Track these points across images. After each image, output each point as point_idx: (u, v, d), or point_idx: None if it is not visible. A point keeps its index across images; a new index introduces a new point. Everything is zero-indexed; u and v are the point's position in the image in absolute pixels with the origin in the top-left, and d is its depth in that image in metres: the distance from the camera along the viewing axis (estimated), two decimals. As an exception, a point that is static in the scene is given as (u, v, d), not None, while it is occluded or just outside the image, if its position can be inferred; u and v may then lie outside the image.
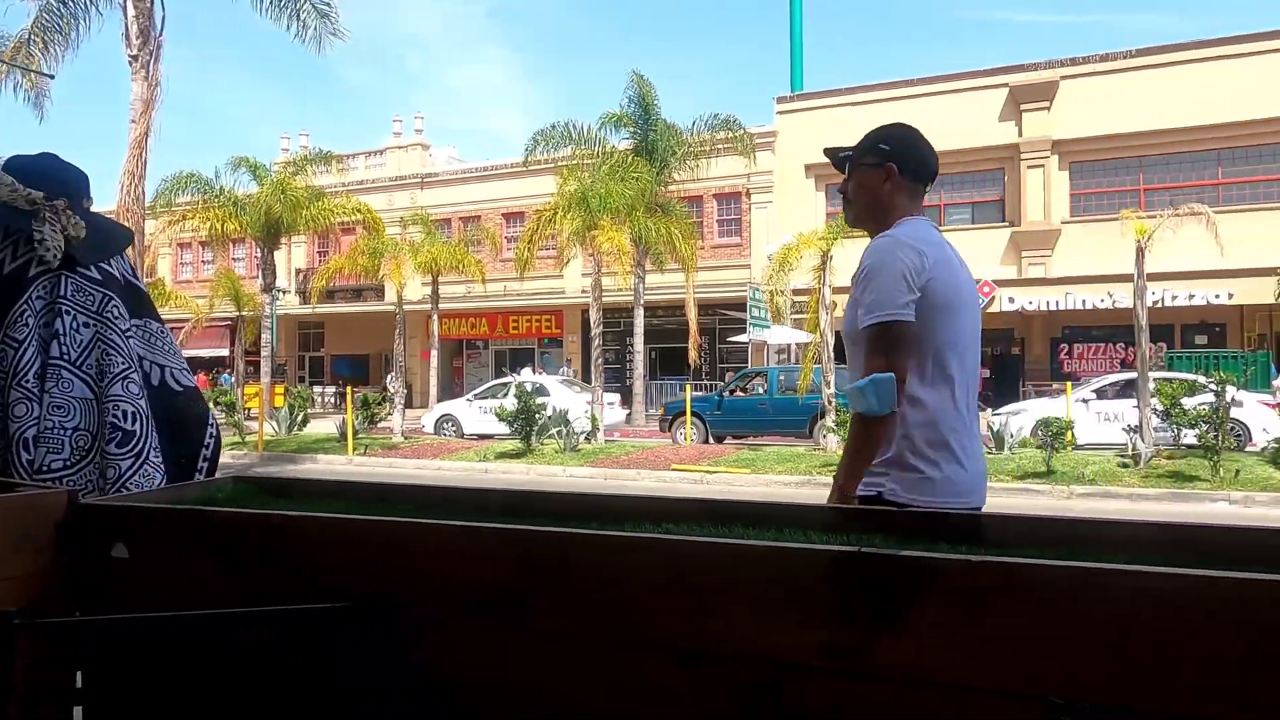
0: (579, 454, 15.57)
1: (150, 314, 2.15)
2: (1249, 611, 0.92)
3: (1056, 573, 1.00)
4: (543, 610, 1.23)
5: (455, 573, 1.29)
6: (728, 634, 1.12)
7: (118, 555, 1.48)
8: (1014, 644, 0.99)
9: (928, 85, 24.95)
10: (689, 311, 21.48)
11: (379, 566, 1.34)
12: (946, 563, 1.03)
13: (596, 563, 1.21)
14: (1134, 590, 0.96)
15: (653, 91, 20.26)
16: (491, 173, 30.29)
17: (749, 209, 27.02)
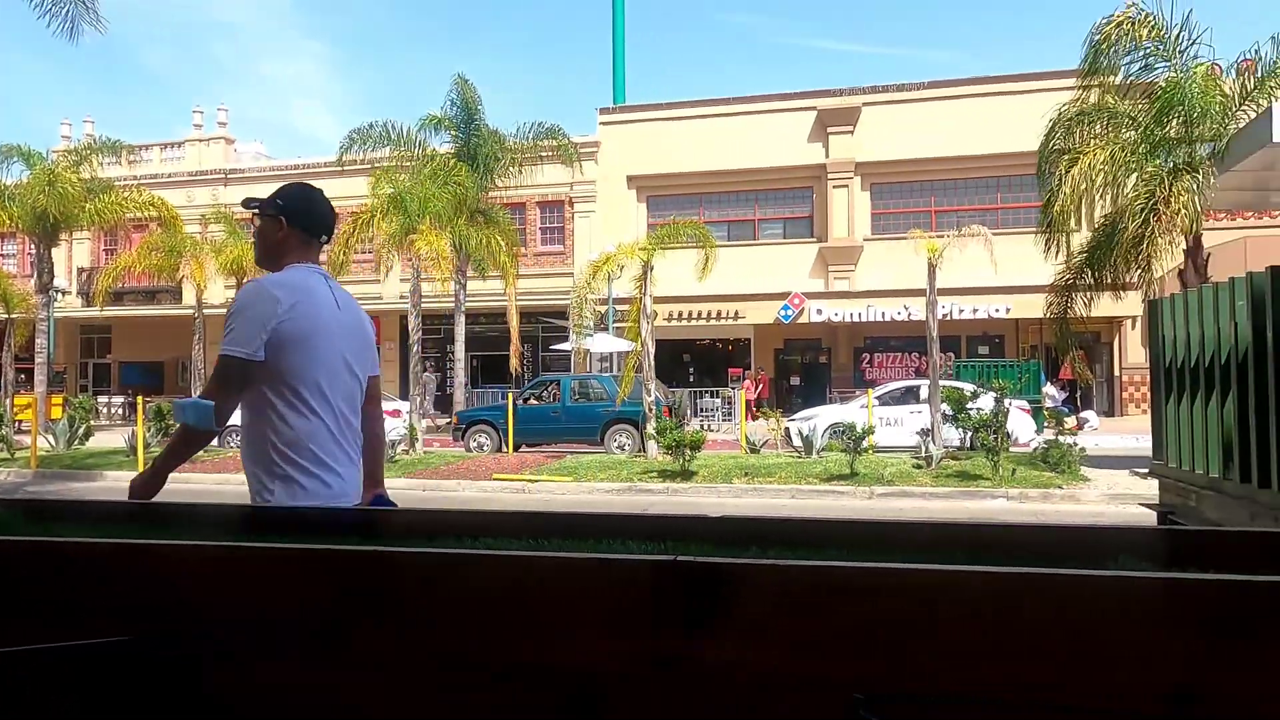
0: (396, 465, 15.08)
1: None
2: (1031, 601, 0.99)
3: (859, 573, 1.05)
4: (359, 636, 1.16)
5: (260, 599, 1.20)
6: (551, 648, 1.11)
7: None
8: (823, 642, 1.03)
9: (743, 104, 26.03)
10: (511, 319, 21.33)
11: (173, 595, 1.23)
12: (758, 567, 1.06)
13: (416, 582, 1.16)
14: (928, 586, 1.02)
15: (476, 96, 20.02)
16: (303, 171, 28.87)
17: (572, 217, 27.16)
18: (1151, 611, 1.01)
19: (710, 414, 23.74)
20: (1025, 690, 0.98)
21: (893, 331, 24.76)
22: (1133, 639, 0.99)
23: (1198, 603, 1.01)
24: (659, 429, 14.14)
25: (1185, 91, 13.48)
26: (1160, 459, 6.70)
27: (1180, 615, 1.00)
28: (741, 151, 25.31)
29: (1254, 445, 4.95)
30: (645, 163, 26.22)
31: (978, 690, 0.98)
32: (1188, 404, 6.02)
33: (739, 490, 12.60)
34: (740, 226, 26.58)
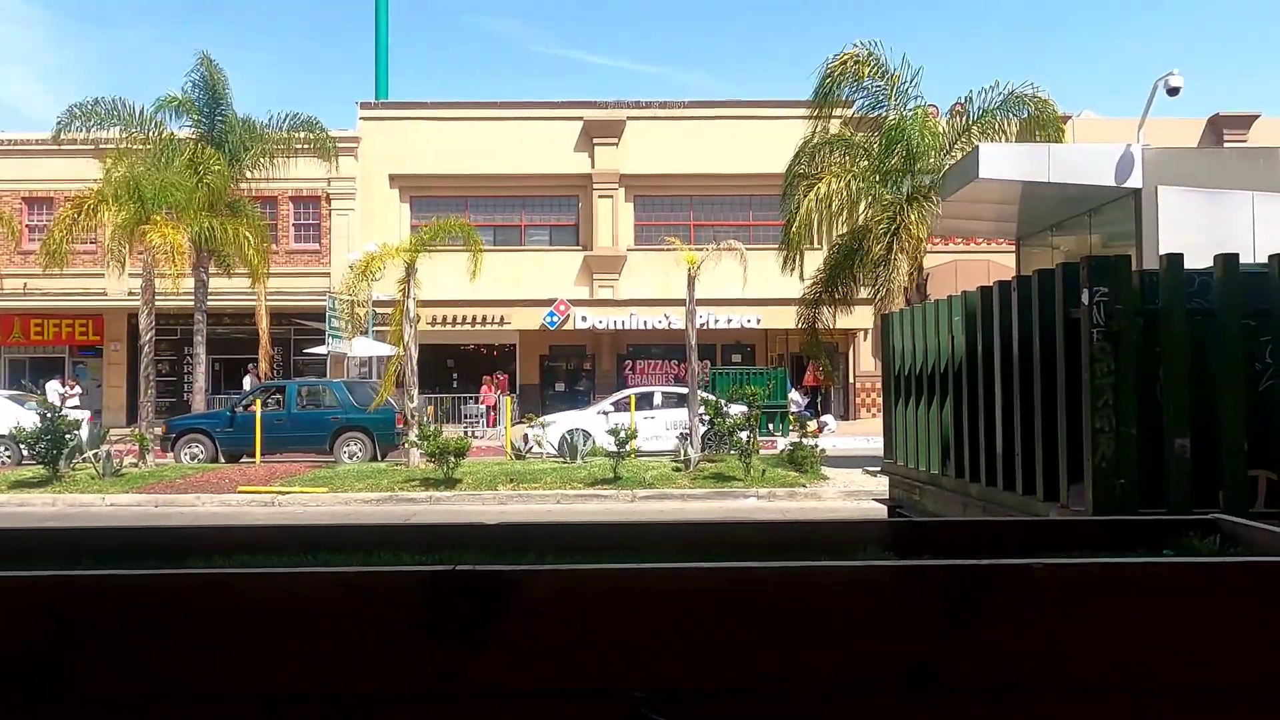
0: (123, 479, 13.63)
1: None
2: (793, 591, 1.05)
3: (635, 575, 1.07)
4: (85, 671, 1.02)
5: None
6: (320, 671, 1.03)
7: None
8: (602, 644, 1.03)
9: (511, 110, 25.98)
10: (260, 320, 19.92)
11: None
12: (544, 573, 1.04)
13: (157, 608, 1.04)
14: (691, 582, 1.05)
15: (223, 79, 18.57)
16: (9, 148, 25.45)
17: (329, 214, 25.83)
18: (891, 595, 1.10)
19: (474, 420, 23.44)
20: (800, 675, 1.04)
21: (654, 339, 25.64)
22: (874, 621, 1.07)
23: (928, 585, 1.11)
24: (422, 435, 13.76)
25: (906, 130, 15.05)
26: (890, 458, 7.40)
27: (914, 597, 1.10)
28: (509, 156, 25.23)
29: (966, 444, 5.59)
30: (409, 162, 25.49)
31: (756, 681, 1.02)
32: (913, 408, 6.69)
33: (505, 497, 12.51)
34: (507, 232, 26.48)
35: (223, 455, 16.25)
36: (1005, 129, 15.56)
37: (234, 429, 16.48)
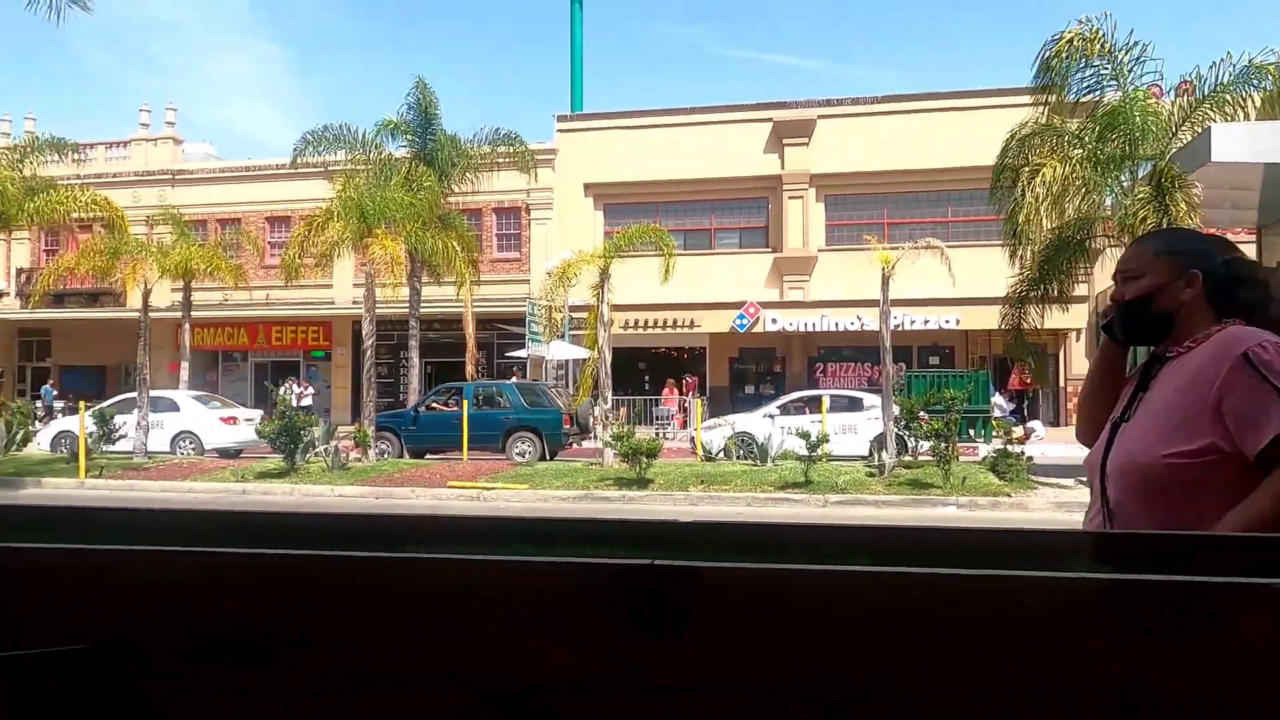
0: (349, 473, 14.87)
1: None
2: (988, 601, 1.01)
3: (828, 577, 1.06)
4: (313, 649, 1.14)
5: (209, 609, 1.17)
6: (514, 657, 1.09)
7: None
8: (792, 644, 1.03)
9: (701, 115, 26.19)
10: (466, 326, 21.15)
11: (111, 603, 1.19)
12: (731, 571, 1.05)
13: (375, 590, 1.14)
14: (907, 588, 1.03)
15: (435, 100, 19.86)
16: (255, 173, 28.41)
17: (529, 224, 27.07)
18: (1097, 610, 1.03)
19: (665, 421, 23.79)
20: (991, 688, 0.99)
21: (846, 341, 25.06)
22: (1074, 637, 1.01)
23: (1137, 601, 1.03)
24: (615, 436, 14.13)
25: (1127, 112, 13.87)
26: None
27: (1121, 613, 1.03)
28: (698, 161, 25.46)
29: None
30: (602, 171, 26.26)
31: (952, 689, 0.99)
32: (1133, 414, 6.17)
33: (695, 498, 12.63)
34: (696, 235, 26.72)
35: (407, 452, 17.33)
36: (1242, 105, 14.03)
37: (417, 427, 17.58)
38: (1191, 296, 1.93)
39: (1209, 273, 1.93)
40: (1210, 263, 1.94)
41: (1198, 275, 1.92)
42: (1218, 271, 1.93)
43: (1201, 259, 1.95)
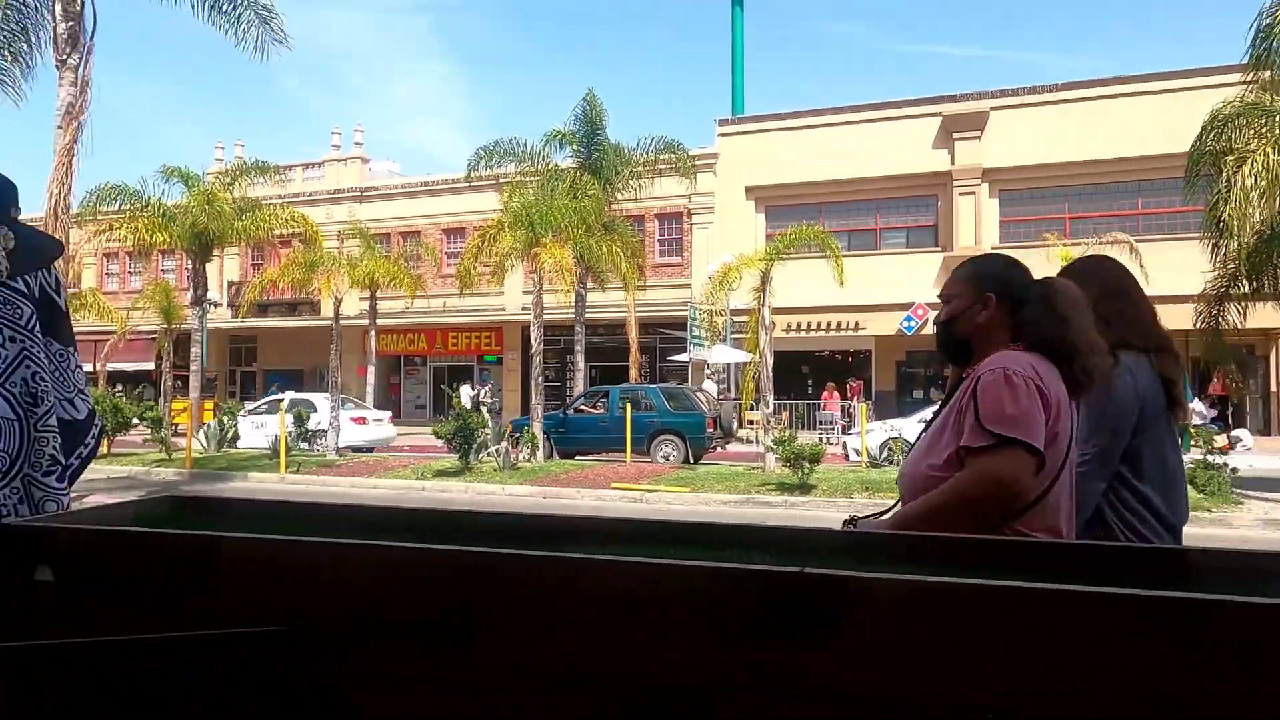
0: (518, 472, 15.45)
1: (57, 334, 2.06)
2: (1169, 623, 0.96)
3: (987, 591, 1.04)
4: (483, 639, 1.22)
5: (386, 597, 1.27)
6: (666, 658, 1.13)
7: (42, 579, 1.43)
8: (950, 657, 1.02)
9: (864, 112, 25.56)
10: (630, 330, 21.52)
11: (310, 590, 1.32)
12: (889, 582, 1.05)
13: (540, 586, 1.21)
14: (1051, 605, 1.00)
15: (602, 111, 20.30)
16: (432, 188, 30.06)
17: (690, 229, 27.25)
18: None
19: (829, 426, 23.33)
20: (1169, 714, 0.95)
21: (1024, 343, 23.72)
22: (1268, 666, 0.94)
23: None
24: (777, 440, 14.00)
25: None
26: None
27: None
28: (862, 160, 24.85)
29: None
30: (764, 173, 26.09)
31: (1117, 713, 0.95)
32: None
33: (860, 505, 12.33)
34: (861, 236, 26.09)
35: (556, 453, 17.80)
36: None
37: (565, 429, 18.04)
38: (987, 319, 2.06)
39: (1004, 297, 2.05)
40: (1007, 287, 2.06)
41: (992, 299, 2.05)
42: (1013, 296, 2.05)
43: (999, 283, 2.08)
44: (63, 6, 13.88)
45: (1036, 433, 1.82)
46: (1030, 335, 2.00)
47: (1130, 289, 2.38)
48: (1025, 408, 1.83)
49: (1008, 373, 1.88)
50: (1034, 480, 1.84)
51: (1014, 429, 1.81)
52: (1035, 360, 1.94)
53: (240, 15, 15.25)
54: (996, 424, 1.82)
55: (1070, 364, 1.96)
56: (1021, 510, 1.84)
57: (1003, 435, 1.81)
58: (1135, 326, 2.28)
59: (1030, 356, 1.96)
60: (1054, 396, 1.89)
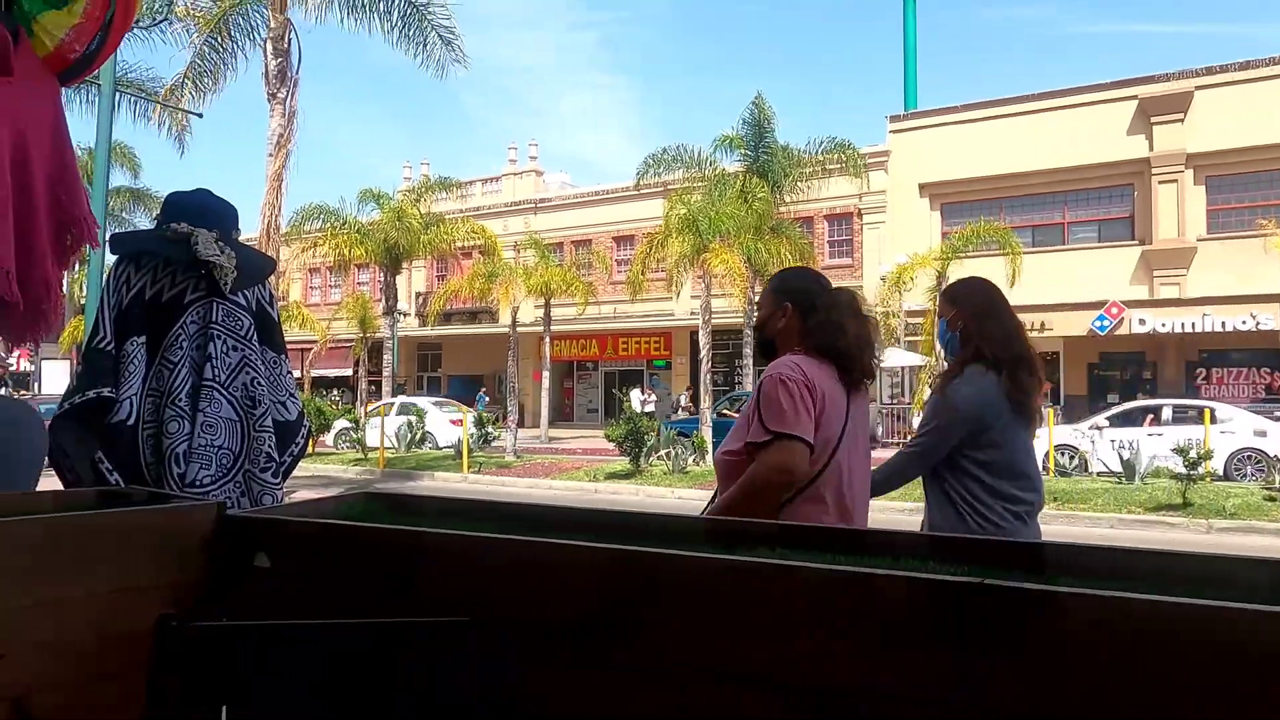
0: (688, 476, 15.56)
1: (271, 343, 2.26)
2: None
3: (1195, 611, 0.96)
4: (650, 638, 1.24)
5: (561, 593, 1.32)
6: (839, 667, 1.11)
7: (260, 565, 1.58)
8: (1147, 682, 0.95)
9: (1049, 100, 24.09)
10: (799, 333, 21.22)
11: (491, 583, 1.39)
12: (1071, 597, 1.00)
13: (709, 590, 1.22)
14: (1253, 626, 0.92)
15: (769, 113, 20.17)
16: (603, 197, 30.80)
17: (861, 229, 26.59)
18: None
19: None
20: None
21: (1235, 344, 21.63)
22: None
23: None
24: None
25: None
26: None
27: None
28: (1046, 151, 23.41)
29: None
30: (938, 169, 25.09)
31: None
32: None
33: (1047, 516, 11.59)
34: (1046, 231, 24.59)
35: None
36: None
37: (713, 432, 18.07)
38: (785, 325, 2.41)
39: (800, 306, 2.38)
40: (803, 298, 2.39)
41: (789, 308, 2.40)
42: (806, 306, 2.37)
43: (796, 294, 2.42)
44: (273, 45, 15.22)
45: (806, 426, 2.18)
46: (814, 340, 2.33)
47: (996, 311, 2.67)
48: (795, 406, 2.18)
49: (780, 377, 2.23)
50: (807, 464, 2.19)
51: (787, 425, 2.17)
52: (808, 362, 2.27)
53: (425, 38, 16.25)
54: (773, 422, 2.18)
55: (848, 367, 2.31)
56: (800, 489, 2.23)
57: (777, 431, 2.17)
58: (993, 344, 2.58)
59: (806, 359, 2.29)
60: (820, 393, 2.23)
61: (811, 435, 2.18)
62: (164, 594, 1.48)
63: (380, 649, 1.36)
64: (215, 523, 1.60)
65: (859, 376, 2.34)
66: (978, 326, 2.62)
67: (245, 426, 2.14)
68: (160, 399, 2.07)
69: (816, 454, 2.21)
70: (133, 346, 2.06)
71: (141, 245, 2.18)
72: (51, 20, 2.32)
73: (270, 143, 15.27)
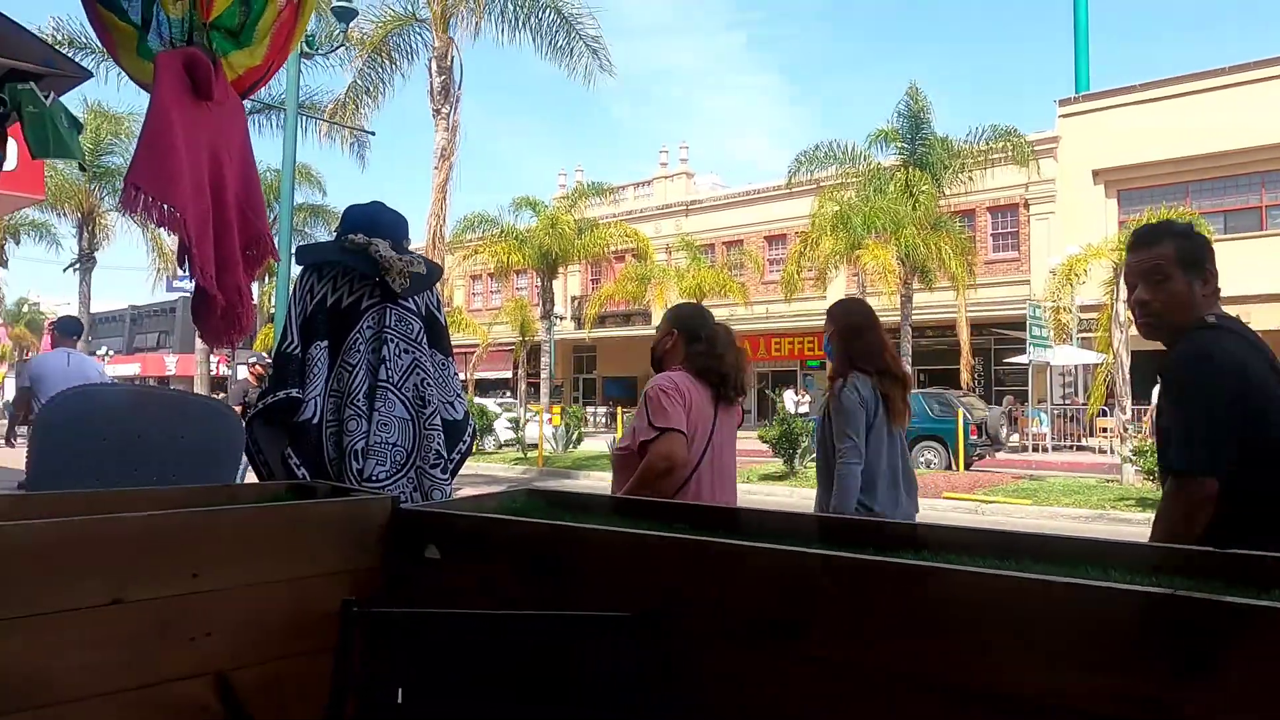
0: (843, 478, 15.22)
1: (439, 345, 2.37)
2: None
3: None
4: (817, 638, 1.22)
5: (728, 592, 1.32)
6: (1018, 676, 1.06)
7: (430, 556, 1.66)
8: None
9: (1241, 73, 22.08)
10: (960, 331, 20.37)
11: (655, 579, 1.40)
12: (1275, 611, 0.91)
13: (878, 591, 1.19)
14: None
15: (926, 104, 19.48)
16: (754, 197, 30.61)
17: (1027, 221, 25.24)
18: None
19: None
20: None
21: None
22: None
23: None
24: (1136, 450, 12.53)
25: None
26: None
27: None
28: (1238, 129, 21.44)
29: None
30: (1114, 154, 23.45)
31: None
32: None
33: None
34: (1241, 216, 22.55)
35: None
36: None
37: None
38: (671, 347, 3.00)
39: (684, 333, 2.98)
40: (687, 326, 2.99)
41: (675, 334, 3.00)
42: (689, 334, 2.96)
43: (683, 324, 3.02)
44: (436, 64, 15.99)
45: (680, 421, 2.72)
46: (694, 364, 2.90)
47: (868, 328, 3.23)
48: (672, 407, 2.73)
49: (660, 387, 2.78)
50: (686, 451, 2.72)
51: (667, 421, 2.70)
52: (682, 377, 2.84)
53: (573, 49, 16.66)
54: (657, 419, 2.71)
55: (720, 385, 2.89)
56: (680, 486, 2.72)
57: (661, 427, 2.70)
58: (866, 356, 3.17)
59: (680, 375, 2.85)
60: (689, 401, 2.77)
61: (686, 429, 2.72)
62: (346, 581, 1.58)
63: (544, 640, 1.40)
64: (390, 515, 1.70)
65: (731, 393, 2.92)
66: (851, 341, 3.21)
67: (416, 425, 2.25)
68: (341, 399, 2.21)
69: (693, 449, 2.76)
70: (317, 350, 2.21)
71: (324, 256, 2.34)
72: (236, 59, 2.57)
73: (435, 156, 16.04)
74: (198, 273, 2.29)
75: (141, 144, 2.23)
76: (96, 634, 1.32)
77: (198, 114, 2.30)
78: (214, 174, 2.34)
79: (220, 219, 2.37)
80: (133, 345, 44.91)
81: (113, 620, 1.33)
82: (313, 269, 2.30)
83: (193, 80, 2.31)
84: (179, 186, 2.22)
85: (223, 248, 2.38)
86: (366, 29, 16.90)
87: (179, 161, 2.23)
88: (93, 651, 1.31)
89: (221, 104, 2.40)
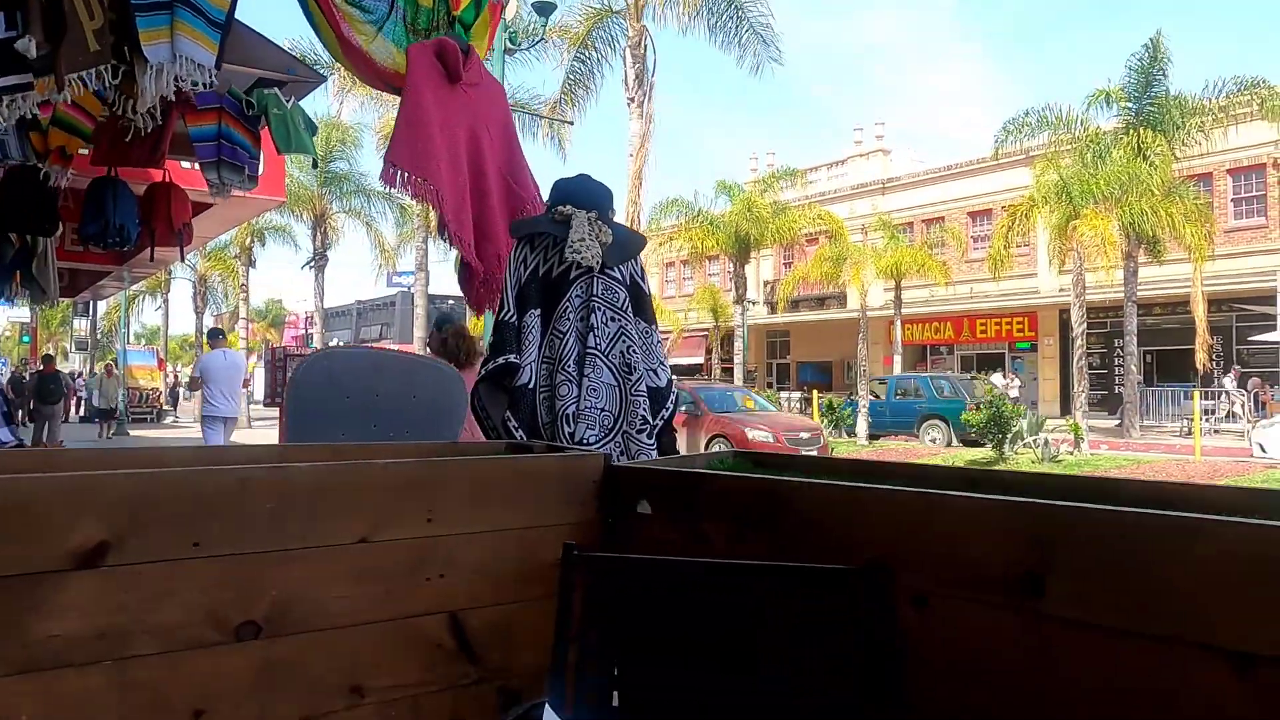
0: (1058, 465, 14.28)
1: (643, 314, 2.42)
2: None
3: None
4: (1056, 595, 1.16)
5: (957, 547, 1.27)
6: (1260, 632, 0.96)
7: (642, 511, 1.70)
8: None
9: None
10: (1195, 308, 18.53)
11: (873, 534, 1.37)
12: None
13: (1126, 548, 1.11)
14: None
15: (1165, 56, 17.78)
16: (956, 171, 29.11)
17: (1277, 183, 22.51)
18: None
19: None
20: None
21: None
22: None
23: None
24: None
25: None
26: None
27: None
28: None
29: None
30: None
31: None
32: None
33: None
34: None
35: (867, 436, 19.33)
36: None
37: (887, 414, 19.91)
38: (436, 344, 4.12)
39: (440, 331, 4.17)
40: (440, 328, 4.21)
41: (435, 334, 4.21)
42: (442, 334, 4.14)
43: (438, 325, 4.27)
44: (631, 53, 16.31)
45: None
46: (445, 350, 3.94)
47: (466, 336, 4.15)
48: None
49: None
50: None
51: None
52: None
53: (742, 38, 16.50)
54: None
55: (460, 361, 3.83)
56: None
57: None
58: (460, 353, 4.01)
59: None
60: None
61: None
62: (565, 532, 1.65)
63: (762, 590, 1.40)
64: (603, 472, 1.76)
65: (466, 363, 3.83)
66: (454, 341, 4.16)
67: (623, 391, 2.31)
68: (553, 365, 2.31)
69: None
70: (530, 318, 2.32)
71: (534, 227, 2.45)
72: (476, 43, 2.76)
73: (631, 144, 16.38)
74: (456, 242, 2.47)
75: (399, 126, 2.42)
76: (352, 568, 1.45)
77: (451, 97, 2.48)
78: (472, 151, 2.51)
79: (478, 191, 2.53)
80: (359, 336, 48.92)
81: (363, 557, 1.46)
82: (525, 240, 2.41)
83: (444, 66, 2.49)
84: (434, 163, 2.39)
85: (484, 219, 2.54)
86: (570, 23, 17.47)
87: (433, 141, 2.40)
88: (349, 585, 1.44)
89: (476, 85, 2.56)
